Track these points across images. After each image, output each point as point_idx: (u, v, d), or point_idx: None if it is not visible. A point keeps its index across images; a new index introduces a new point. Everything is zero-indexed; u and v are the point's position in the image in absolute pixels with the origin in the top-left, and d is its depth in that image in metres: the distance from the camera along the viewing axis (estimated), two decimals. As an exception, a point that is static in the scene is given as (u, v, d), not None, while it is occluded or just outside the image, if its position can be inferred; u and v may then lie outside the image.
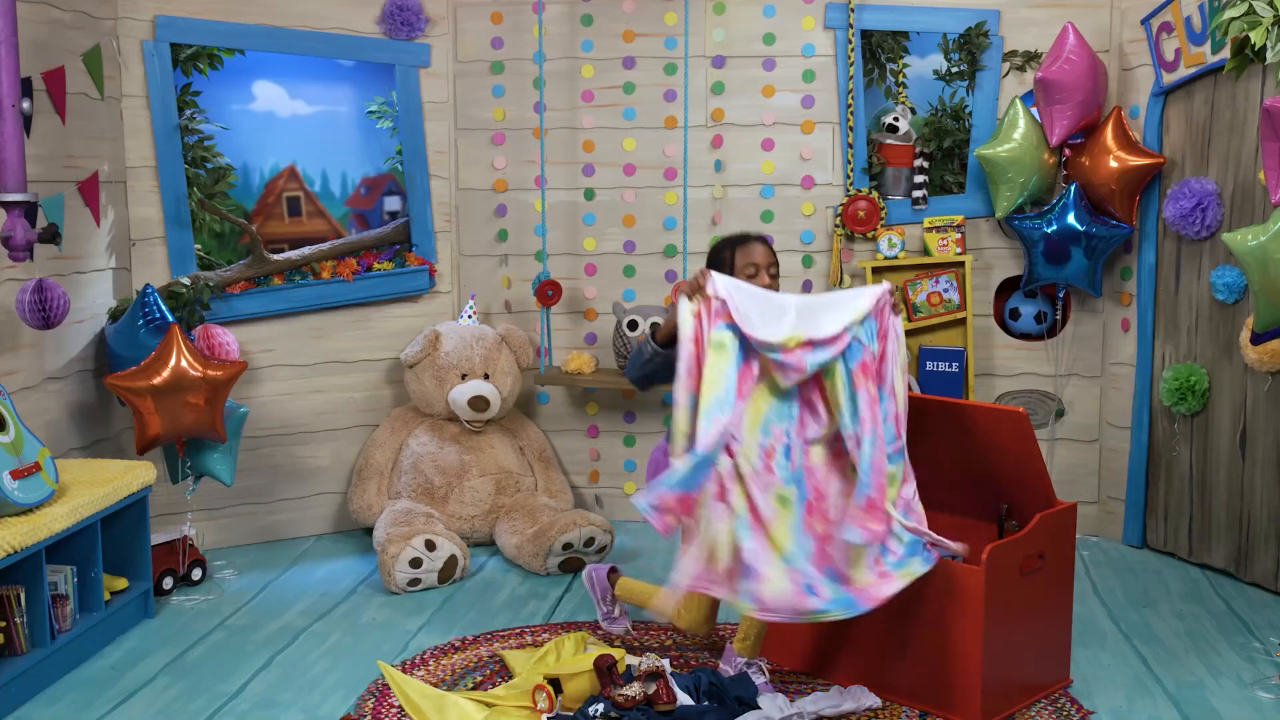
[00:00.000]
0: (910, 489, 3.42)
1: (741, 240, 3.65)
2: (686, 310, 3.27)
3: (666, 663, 3.41)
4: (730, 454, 3.22)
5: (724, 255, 3.63)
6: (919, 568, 3.32)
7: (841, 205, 5.19)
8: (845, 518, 3.28)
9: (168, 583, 4.48)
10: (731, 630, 3.92)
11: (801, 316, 3.32)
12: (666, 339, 3.51)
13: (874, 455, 3.29)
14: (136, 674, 3.80)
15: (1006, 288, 5.28)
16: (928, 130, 5.24)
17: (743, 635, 3.62)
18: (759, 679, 3.53)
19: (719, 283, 3.29)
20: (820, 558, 3.27)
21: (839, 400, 3.31)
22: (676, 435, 3.21)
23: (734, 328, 3.26)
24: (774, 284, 3.59)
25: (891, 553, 3.32)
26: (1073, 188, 4.89)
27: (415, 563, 4.49)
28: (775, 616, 3.21)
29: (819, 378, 3.35)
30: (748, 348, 3.29)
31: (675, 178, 5.32)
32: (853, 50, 5.17)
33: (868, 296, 3.41)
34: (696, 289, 3.29)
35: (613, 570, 4.06)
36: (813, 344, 3.28)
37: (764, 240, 3.66)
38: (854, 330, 3.34)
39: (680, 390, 3.22)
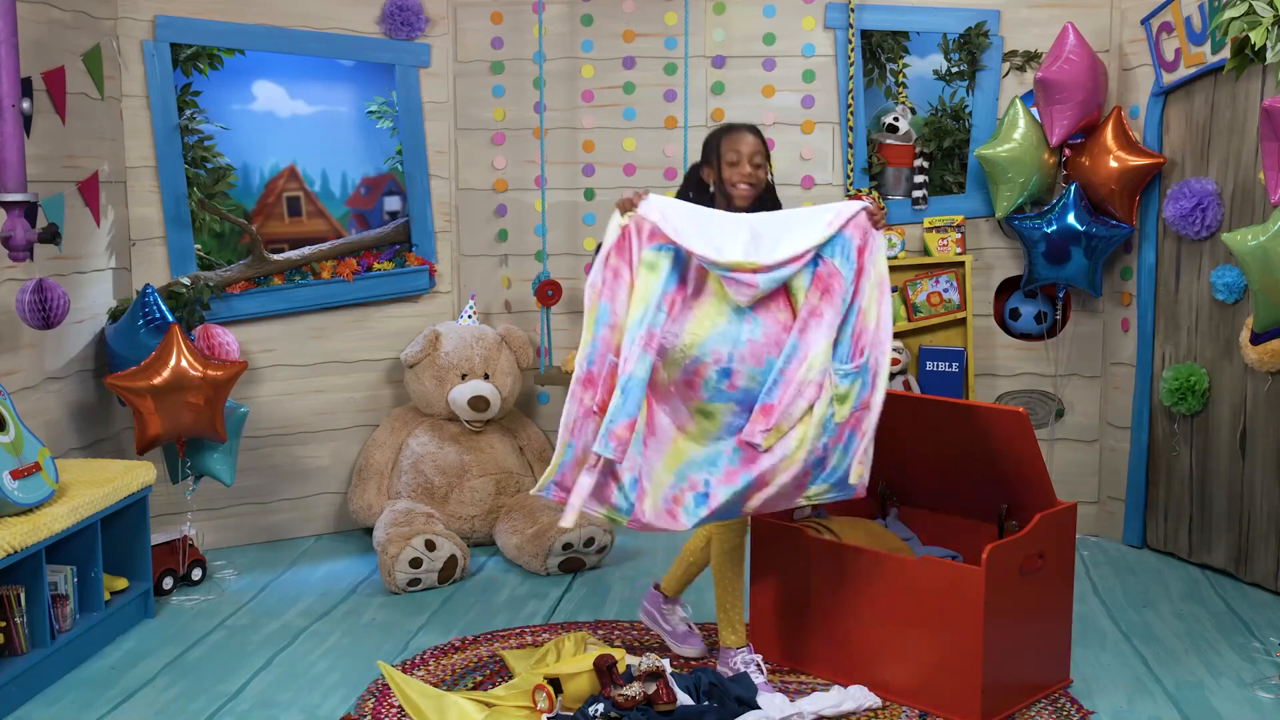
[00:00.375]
0: (869, 421, 3.31)
1: (731, 128, 3.56)
2: (614, 224, 3.29)
3: (666, 663, 3.40)
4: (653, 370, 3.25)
5: (712, 144, 3.56)
6: (827, 495, 3.31)
7: (841, 205, 5.18)
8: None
9: (168, 583, 4.48)
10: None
11: (757, 238, 3.28)
12: None
13: (787, 368, 3.25)
14: (136, 674, 3.80)
15: (1006, 288, 5.28)
16: (928, 130, 5.24)
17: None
18: (759, 679, 3.52)
19: (653, 204, 3.29)
20: (747, 461, 3.25)
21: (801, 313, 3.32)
22: (582, 343, 3.23)
23: (669, 247, 3.26)
24: (758, 174, 3.51)
25: (825, 468, 3.28)
26: (1073, 188, 4.89)
27: (415, 563, 4.49)
28: (647, 528, 3.25)
29: (785, 293, 3.32)
30: (686, 268, 3.28)
31: (675, 178, 5.31)
32: (853, 50, 5.17)
33: (837, 213, 3.35)
34: (629, 207, 3.29)
35: (655, 586, 3.92)
36: (768, 269, 3.26)
37: (754, 130, 3.56)
38: (819, 249, 3.31)
39: (589, 292, 3.25)
